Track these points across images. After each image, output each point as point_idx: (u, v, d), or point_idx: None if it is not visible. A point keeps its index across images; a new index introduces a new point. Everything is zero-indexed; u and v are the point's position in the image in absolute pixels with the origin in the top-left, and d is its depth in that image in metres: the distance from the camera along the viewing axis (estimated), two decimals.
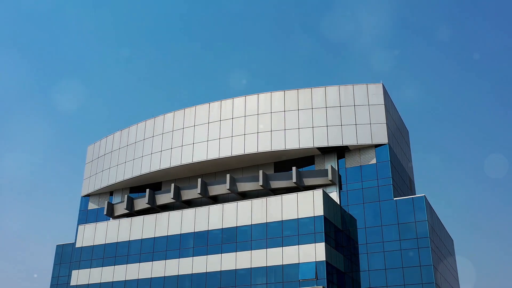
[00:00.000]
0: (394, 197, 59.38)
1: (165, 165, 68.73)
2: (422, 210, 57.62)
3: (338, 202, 61.34)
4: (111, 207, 73.06)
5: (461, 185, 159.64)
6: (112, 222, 66.48)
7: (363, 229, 59.58)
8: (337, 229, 58.39)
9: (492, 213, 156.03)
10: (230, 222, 59.55)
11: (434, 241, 58.54)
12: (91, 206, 77.23)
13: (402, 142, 69.99)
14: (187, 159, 67.38)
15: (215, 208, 60.95)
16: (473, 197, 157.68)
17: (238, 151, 64.91)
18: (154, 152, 70.57)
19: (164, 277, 60.57)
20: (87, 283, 64.79)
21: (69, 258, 74.82)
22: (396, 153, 65.03)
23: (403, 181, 66.07)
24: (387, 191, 59.82)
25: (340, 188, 62.72)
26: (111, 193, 76.81)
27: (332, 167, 62.14)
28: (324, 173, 62.36)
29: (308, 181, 62.27)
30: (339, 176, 63.24)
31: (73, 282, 65.70)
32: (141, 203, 70.46)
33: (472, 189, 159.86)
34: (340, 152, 64.15)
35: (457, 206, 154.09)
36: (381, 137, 62.02)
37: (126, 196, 71.16)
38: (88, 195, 78.23)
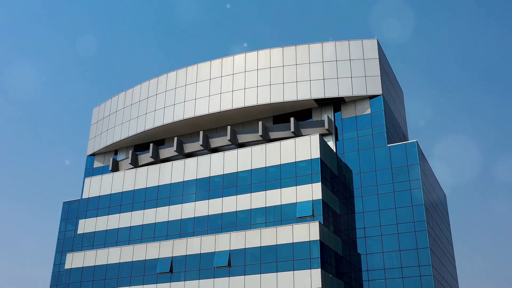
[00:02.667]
0: (388, 144, 62.07)
1: (168, 120, 71.42)
2: (414, 155, 60.29)
3: (334, 151, 63.98)
4: (116, 163, 75.71)
5: (457, 149, 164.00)
6: (118, 173, 69.13)
7: (357, 174, 62.24)
8: (333, 174, 61.05)
9: (488, 177, 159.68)
10: (231, 168, 62.21)
11: (426, 185, 61.22)
12: (97, 164, 79.91)
13: (396, 99, 72.65)
14: (189, 114, 70.06)
15: (217, 156, 63.60)
16: (468, 160, 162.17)
17: (238, 104, 67.61)
18: (157, 108, 73.25)
19: (168, 221, 63.22)
20: (94, 230, 67.45)
21: (75, 213, 77.48)
22: (390, 106, 67.70)
23: (397, 133, 68.75)
24: (381, 139, 62.49)
25: (336, 139, 65.37)
26: (116, 152, 79.51)
27: (328, 117, 64.82)
28: (321, 123, 65.03)
29: (306, 131, 64.91)
30: (336, 128, 65.90)
31: (80, 231, 68.37)
32: (145, 158, 73.13)
33: (468, 151, 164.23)
34: (337, 104, 66.81)
35: (452, 167, 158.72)
36: (376, 88, 64.69)
37: (130, 152, 73.85)
38: (93, 154, 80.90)
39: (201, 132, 68.38)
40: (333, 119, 66.12)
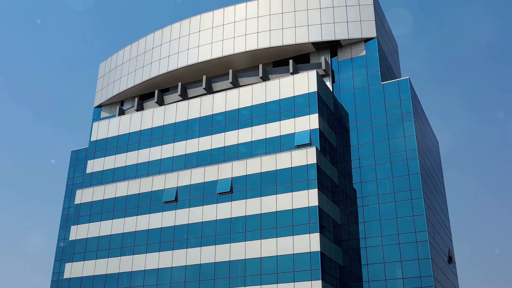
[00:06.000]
0: (382, 82, 65.35)
1: (172, 67, 74.72)
2: (407, 90, 63.58)
3: (331, 91, 67.28)
4: (122, 112, 78.95)
5: (451, 108, 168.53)
6: (125, 116, 72.40)
7: (353, 111, 65.54)
8: (330, 111, 64.33)
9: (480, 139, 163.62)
10: (232, 106, 65.46)
11: (417, 121, 64.51)
12: (103, 115, 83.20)
13: (390, 47, 75.93)
14: (193, 60, 73.37)
15: (219, 96, 66.88)
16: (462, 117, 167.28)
17: (240, 48, 70.91)
18: (162, 57, 76.56)
19: (173, 157, 66.51)
20: (102, 169, 70.75)
21: (83, 161, 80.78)
22: (384, 51, 70.97)
23: (390, 77, 71.98)
24: (375, 77, 65.79)
25: (333, 81, 68.67)
26: (122, 103, 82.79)
27: (325, 59, 68.13)
28: (318, 65, 68.33)
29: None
30: (332, 71, 69.21)
31: (88, 170, 71.64)
32: (150, 105, 76.41)
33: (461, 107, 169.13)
34: (333, 49, 70.09)
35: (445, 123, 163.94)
36: (370, 31, 67.97)
37: (136, 100, 77.09)
38: (100, 106, 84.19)
39: (204, 77, 71.66)
40: (330, 63, 69.38)
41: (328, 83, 68.06)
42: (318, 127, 59.27)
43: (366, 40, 68.21)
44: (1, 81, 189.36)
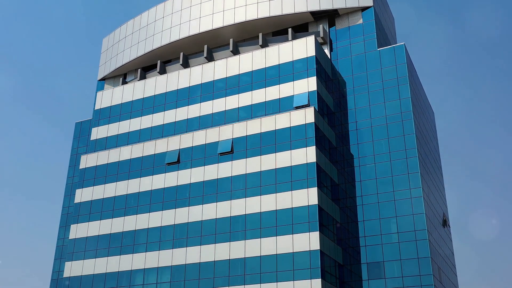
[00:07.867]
0: (378, 48, 67.25)
1: (174, 37, 76.59)
2: (402, 56, 65.44)
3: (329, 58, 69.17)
4: (125, 84, 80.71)
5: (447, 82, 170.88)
6: (128, 85, 74.28)
7: (350, 76, 67.42)
8: (328, 77, 66.21)
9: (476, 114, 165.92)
10: (233, 72, 67.38)
11: (412, 84, 66.39)
12: (107, 87, 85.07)
13: (388, 21, 77.81)
14: (194, 30, 75.27)
15: (220, 62, 68.77)
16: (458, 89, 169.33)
17: (240, 18, 72.82)
18: (164, 29, 78.43)
19: (175, 122, 68.37)
20: (106, 136, 72.61)
21: (86, 131, 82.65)
22: (381, 20, 72.84)
23: (386, 46, 73.79)
24: (372, 44, 67.68)
25: (331, 49, 70.56)
26: (125, 76, 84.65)
27: (323, 27, 70.01)
28: (316, 34, 70.20)
29: None
30: (330, 40, 71.08)
31: (93, 137, 73.53)
32: (153, 76, 78.24)
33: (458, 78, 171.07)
34: (331, 19, 71.97)
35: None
36: (367, 0, 69.83)
37: (138, 71, 78.98)
38: (103, 79, 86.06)
39: (205, 46, 73.57)
40: (327, 32, 71.25)
41: (326, 51, 69.93)
42: (316, 89, 61.16)
43: (363, 9, 70.09)
44: (1, 78, 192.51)
